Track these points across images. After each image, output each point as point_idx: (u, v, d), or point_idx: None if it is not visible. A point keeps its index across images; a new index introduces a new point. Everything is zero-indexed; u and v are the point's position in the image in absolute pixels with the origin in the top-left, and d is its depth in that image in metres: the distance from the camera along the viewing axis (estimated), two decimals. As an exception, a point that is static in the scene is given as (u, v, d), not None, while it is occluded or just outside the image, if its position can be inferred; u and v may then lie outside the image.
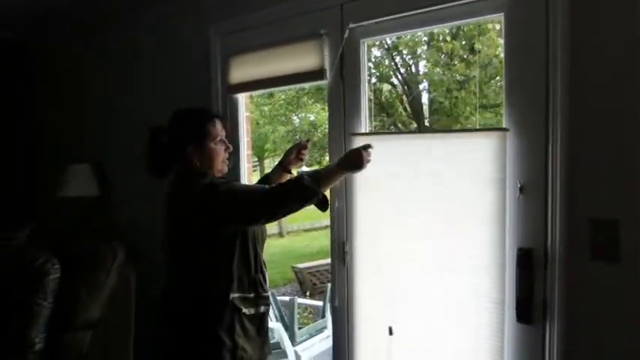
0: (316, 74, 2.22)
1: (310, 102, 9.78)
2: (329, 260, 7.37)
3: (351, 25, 2.08)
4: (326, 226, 11.89)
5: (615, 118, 1.55)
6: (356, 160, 1.83)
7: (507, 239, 1.75)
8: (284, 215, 1.83)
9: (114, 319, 2.71)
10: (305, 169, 2.15)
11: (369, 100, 2.16)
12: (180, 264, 1.90)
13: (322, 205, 1.83)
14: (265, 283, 1.97)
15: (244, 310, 1.85)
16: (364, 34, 2.09)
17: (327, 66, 2.19)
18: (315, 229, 11.83)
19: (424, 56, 6.92)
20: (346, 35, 2.09)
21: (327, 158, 2.31)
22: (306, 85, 8.06)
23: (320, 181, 1.79)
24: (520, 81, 1.73)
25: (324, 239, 10.92)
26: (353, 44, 2.11)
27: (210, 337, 1.80)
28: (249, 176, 2.75)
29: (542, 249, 1.69)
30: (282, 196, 1.77)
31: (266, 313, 1.97)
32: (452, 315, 1.89)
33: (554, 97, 1.63)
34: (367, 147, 1.85)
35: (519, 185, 1.72)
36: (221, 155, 1.95)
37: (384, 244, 2.06)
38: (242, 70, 2.53)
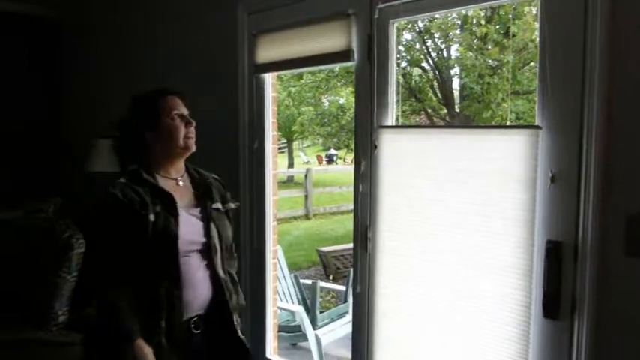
0: (343, 56, 2.16)
1: (339, 84, 9.69)
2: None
3: (381, 5, 2.01)
4: (352, 210, 11.97)
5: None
6: None
7: (536, 231, 1.69)
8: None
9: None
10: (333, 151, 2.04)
11: (398, 83, 2.10)
12: None
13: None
14: None
15: None
16: (394, 14, 2.02)
17: (354, 47, 2.13)
18: (342, 213, 11.79)
19: (456, 40, 6.75)
20: (376, 16, 2.03)
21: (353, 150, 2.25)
22: (336, 68, 8.01)
23: (123, 339, 1.69)
24: (555, 70, 1.64)
25: (349, 223, 10.86)
26: (382, 25, 2.04)
27: None
28: (274, 157, 2.72)
29: (572, 242, 1.62)
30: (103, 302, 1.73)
31: None
32: (476, 308, 1.84)
33: (590, 89, 1.55)
34: None
35: (550, 175, 1.65)
36: (180, 131, 1.82)
37: (407, 236, 2.02)
38: (269, 49, 2.48)
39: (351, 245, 7.28)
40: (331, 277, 6.88)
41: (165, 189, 1.80)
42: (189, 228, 1.80)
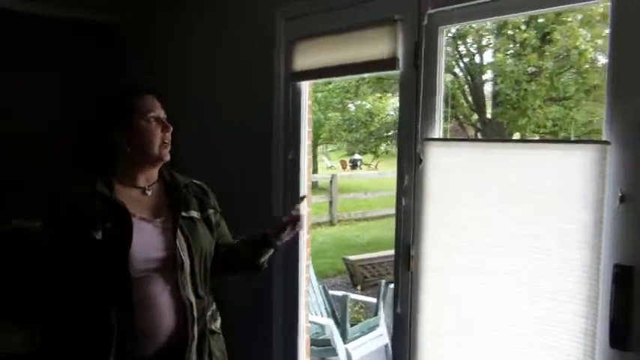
0: (388, 64, 2.06)
1: (369, 91, 9.58)
2: (381, 253, 7.28)
3: (431, 11, 1.90)
4: (377, 217, 11.80)
5: None
6: None
7: (602, 255, 1.56)
8: None
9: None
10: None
11: (446, 95, 1.99)
12: None
13: None
14: None
15: None
16: (444, 20, 1.90)
17: (400, 55, 2.02)
18: (367, 219, 11.67)
19: (491, 45, 6.60)
20: (425, 22, 1.92)
21: (396, 164, 2.14)
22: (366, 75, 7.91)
23: None
24: (627, 79, 1.51)
25: (375, 230, 10.76)
26: (431, 32, 1.93)
27: None
28: (309, 168, 2.63)
29: (644, 267, 1.49)
30: None
31: None
32: (531, 335, 1.71)
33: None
34: None
35: (620, 194, 1.52)
36: (157, 135, 1.63)
37: (455, 255, 1.89)
38: (307, 56, 2.39)
39: (378, 254, 7.20)
40: (359, 287, 6.75)
41: (120, 201, 1.60)
42: (148, 244, 1.60)
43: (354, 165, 20.63)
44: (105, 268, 1.54)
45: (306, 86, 2.52)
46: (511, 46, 5.97)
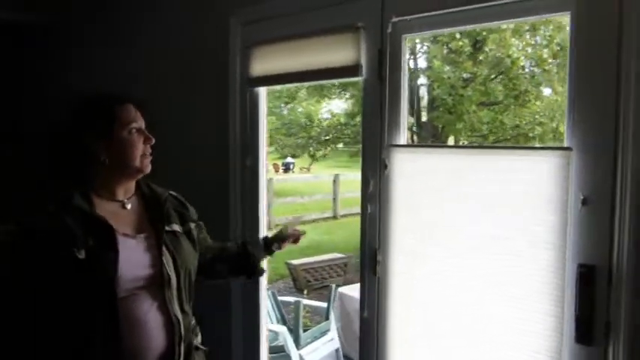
0: (350, 70, 2.07)
1: (309, 97, 9.60)
2: (324, 257, 7.28)
3: (395, 19, 1.93)
4: (314, 220, 11.80)
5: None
6: None
7: (567, 255, 1.64)
8: None
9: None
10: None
11: (411, 100, 2.03)
12: None
13: None
14: None
15: None
16: (408, 29, 1.94)
17: (363, 62, 2.04)
18: (303, 223, 11.68)
19: (425, 52, 6.82)
20: (389, 30, 1.94)
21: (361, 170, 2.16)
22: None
23: None
24: (587, 87, 1.59)
25: (312, 233, 10.78)
26: (395, 40, 1.96)
27: None
28: (267, 175, 2.60)
29: (606, 266, 1.57)
30: None
31: None
32: (501, 336, 1.76)
33: (625, 107, 1.50)
34: None
35: (582, 197, 1.60)
36: (138, 147, 1.56)
37: (423, 259, 1.93)
38: (266, 62, 2.36)
39: (321, 257, 7.17)
40: (305, 292, 6.73)
41: (102, 215, 1.51)
42: (134, 261, 1.53)
43: (287, 168, 20.61)
44: (89, 289, 1.45)
45: (263, 91, 2.49)
46: (445, 52, 6.21)
